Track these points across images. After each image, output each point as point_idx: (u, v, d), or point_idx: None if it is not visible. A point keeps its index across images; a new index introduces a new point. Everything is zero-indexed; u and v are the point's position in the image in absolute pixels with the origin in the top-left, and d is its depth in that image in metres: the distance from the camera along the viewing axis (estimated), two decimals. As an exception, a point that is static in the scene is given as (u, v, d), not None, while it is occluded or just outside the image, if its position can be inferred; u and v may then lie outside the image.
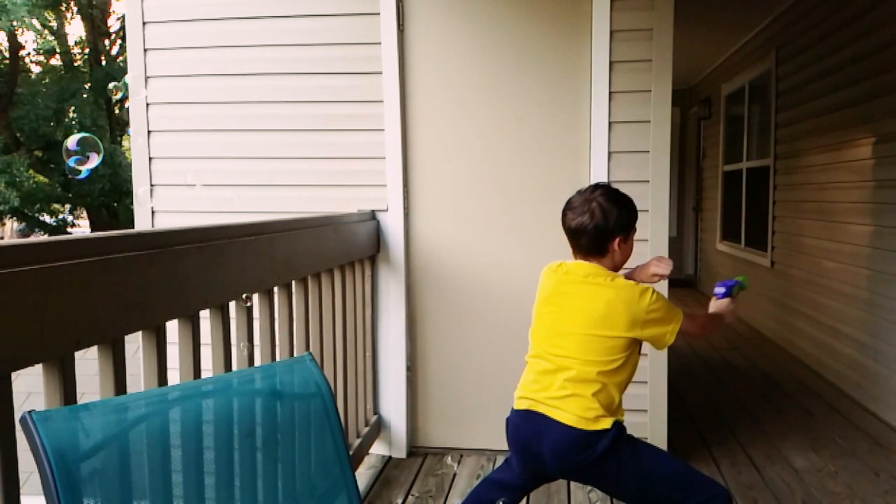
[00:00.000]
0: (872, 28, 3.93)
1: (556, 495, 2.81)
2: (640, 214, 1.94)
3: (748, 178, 6.60)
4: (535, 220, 3.16)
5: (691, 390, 4.39)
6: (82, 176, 1.24)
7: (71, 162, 1.23)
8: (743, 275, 2.16)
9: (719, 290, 2.05)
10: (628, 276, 2.02)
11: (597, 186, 1.90)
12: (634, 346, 1.82)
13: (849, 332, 4.25)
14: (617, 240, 1.85)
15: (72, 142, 1.24)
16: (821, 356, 4.70)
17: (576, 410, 1.75)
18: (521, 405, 1.86)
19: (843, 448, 3.37)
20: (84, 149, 1.25)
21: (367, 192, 3.22)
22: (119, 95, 2.11)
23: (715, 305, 2.03)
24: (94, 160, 1.25)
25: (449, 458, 3.20)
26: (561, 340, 1.83)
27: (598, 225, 1.83)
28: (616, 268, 1.90)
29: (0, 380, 1.11)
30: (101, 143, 1.27)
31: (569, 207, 1.90)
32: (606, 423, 1.75)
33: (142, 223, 3.40)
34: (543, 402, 1.80)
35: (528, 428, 1.83)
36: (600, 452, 1.74)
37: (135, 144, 3.36)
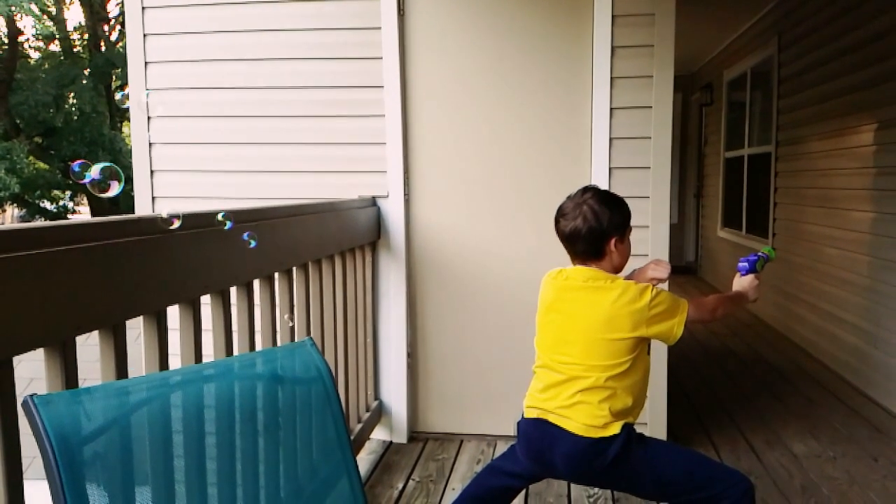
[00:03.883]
0: (875, 14, 3.90)
1: (556, 480, 2.81)
2: (640, 201, 1.92)
3: (750, 164, 6.58)
4: (536, 205, 3.15)
5: (691, 377, 4.41)
6: (86, 181, 1.24)
7: (80, 172, 1.23)
8: (769, 246, 2.09)
9: (742, 265, 2.00)
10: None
11: (586, 190, 1.88)
12: (641, 346, 1.80)
13: (849, 319, 4.25)
14: (613, 240, 1.83)
15: (95, 171, 1.24)
16: (821, 343, 4.71)
17: (583, 419, 1.75)
18: (531, 414, 1.86)
19: (842, 434, 3.38)
20: (106, 177, 1.25)
21: (367, 178, 3.22)
22: (126, 105, 2.14)
23: (738, 283, 2.01)
24: (115, 188, 1.25)
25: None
26: (566, 348, 1.82)
27: (592, 227, 1.80)
28: (616, 270, 1.88)
29: (2, 364, 1.11)
30: (122, 173, 1.27)
31: (560, 214, 1.87)
32: (615, 429, 1.74)
33: (142, 209, 3.40)
34: (553, 411, 1.80)
35: (539, 437, 1.83)
36: (612, 458, 1.74)
37: (134, 130, 3.35)
